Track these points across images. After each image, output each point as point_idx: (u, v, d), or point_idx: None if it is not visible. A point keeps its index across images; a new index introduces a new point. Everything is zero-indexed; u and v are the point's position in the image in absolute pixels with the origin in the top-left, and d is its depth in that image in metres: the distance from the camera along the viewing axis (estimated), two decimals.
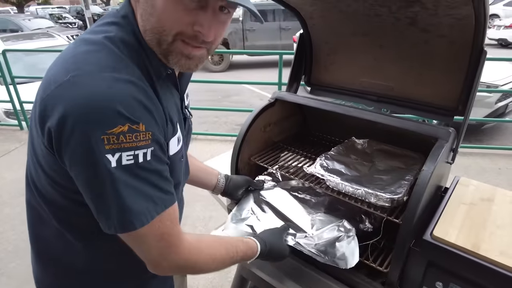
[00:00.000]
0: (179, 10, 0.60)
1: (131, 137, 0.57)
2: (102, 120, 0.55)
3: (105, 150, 0.56)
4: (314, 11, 1.23)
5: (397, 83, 1.28)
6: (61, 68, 0.60)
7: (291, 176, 1.23)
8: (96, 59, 0.59)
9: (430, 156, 0.94)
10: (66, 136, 0.57)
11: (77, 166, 0.59)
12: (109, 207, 0.60)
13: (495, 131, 5.26)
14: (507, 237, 0.89)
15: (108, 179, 0.57)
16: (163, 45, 0.64)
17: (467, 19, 0.97)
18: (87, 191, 0.61)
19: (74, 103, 0.55)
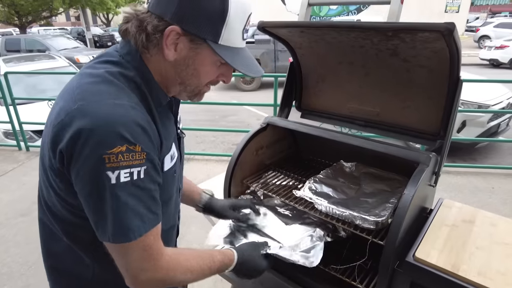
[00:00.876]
0: (214, 69, 0.79)
1: (128, 157, 0.65)
2: (104, 142, 0.63)
3: (106, 168, 0.63)
4: (303, 42, 1.31)
5: (382, 109, 1.34)
6: (69, 98, 0.69)
7: (282, 199, 1.27)
8: (99, 89, 0.69)
9: (411, 180, 0.99)
10: (75, 155, 0.65)
11: (81, 182, 0.66)
12: (106, 219, 0.67)
13: (489, 150, 5.33)
14: (486, 258, 0.93)
15: (108, 193, 0.65)
16: (195, 91, 0.81)
17: (442, 51, 1.05)
18: (89, 203, 0.68)
19: (81, 128, 0.64)
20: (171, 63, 0.75)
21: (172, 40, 0.72)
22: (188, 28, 0.71)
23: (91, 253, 0.82)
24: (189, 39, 0.72)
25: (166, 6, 0.70)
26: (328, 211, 1.09)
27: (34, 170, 4.24)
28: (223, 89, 9.34)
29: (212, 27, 0.71)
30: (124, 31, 0.75)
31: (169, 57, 0.73)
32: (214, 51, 0.72)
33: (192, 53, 0.74)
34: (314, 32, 1.17)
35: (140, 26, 0.73)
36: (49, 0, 17.76)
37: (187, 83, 0.79)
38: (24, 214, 3.24)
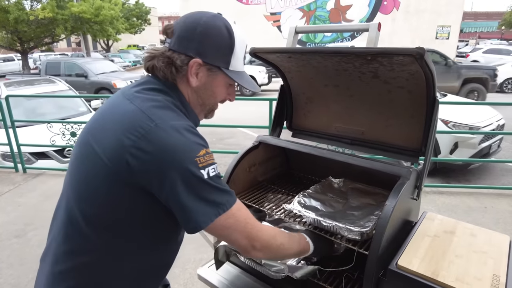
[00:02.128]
0: (224, 89, 1.00)
1: (209, 157, 0.83)
2: (192, 149, 0.80)
3: (199, 167, 0.80)
4: (291, 67, 1.41)
5: (367, 128, 1.43)
6: (142, 117, 0.82)
7: (272, 213, 1.33)
8: (166, 112, 0.85)
9: (392, 193, 1.06)
10: (169, 166, 0.78)
11: (178, 186, 0.79)
12: (203, 206, 0.81)
13: (482, 172, 5.42)
14: (463, 265, 0.98)
15: (204, 186, 0.81)
16: (211, 109, 1.02)
17: (418, 73, 1.15)
18: (184, 199, 0.80)
19: (168, 142, 0.79)
20: (193, 89, 0.94)
21: (195, 70, 0.91)
22: (207, 60, 0.90)
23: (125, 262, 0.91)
24: (207, 68, 0.92)
25: (188, 44, 0.89)
26: (316, 223, 1.15)
27: (30, 192, 4.26)
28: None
29: (225, 57, 0.92)
30: (152, 67, 0.92)
31: (193, 84, 0.92)
32: (227, 75, 0.94)
33: (209, 78, 0.94)
34: (301, 57, 1.27)
35: (168, 61, 0.90)
36: (52, 27, 18.27)
37: (206, 103, 0.99)
38: (18, 235, 3.24)
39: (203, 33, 0.89)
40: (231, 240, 0.88)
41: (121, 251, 0.89)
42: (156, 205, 0.84)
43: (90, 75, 10.69)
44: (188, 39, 0.89)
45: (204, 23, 0.90)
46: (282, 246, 0.96)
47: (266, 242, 0.91)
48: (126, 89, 0.93)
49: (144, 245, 0.91)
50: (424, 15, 23.40)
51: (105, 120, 0.88)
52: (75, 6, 17.04)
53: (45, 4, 17.47)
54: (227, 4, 24.93)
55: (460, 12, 24.71)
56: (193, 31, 0.89)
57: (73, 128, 4.59)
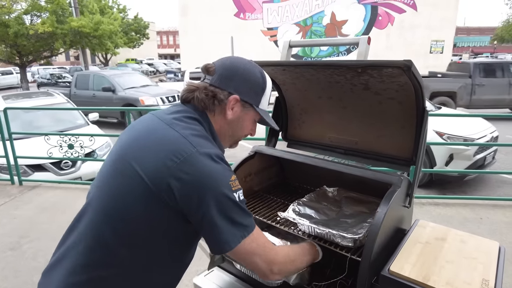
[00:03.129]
0: (251, 124, 1.12)
1: (238, 183, 0.92)
2: (226, 175, 0.89)
3: (232, 190, 0.89)
4: (286, 79, 1.46)
5: (360, 138, 1.47)
6: (184, 142, 0.90)
7: (268, 222, 1.35)
8: (204, 141, 0.93)
9: (384, 200, 1.09)
10: (205, 189, 0.85)
11: (211, 207, 0.85)
12: (232, 227, 0.88)
13: (478, 183, 5.46)
14: (454, 270, 1.00)
15: (234, 207, 0.89)
16: (237, 140, 1.13)
17: (407, 85, 1.19)
18: (215, 220, 0.86)
19: (207, 167, 0.87)
20: (227, 121, 1.05)
21: (232, 105, 1.02)
22: (243, 97, 1.03)
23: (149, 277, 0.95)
24: (241, 104, 1.04)
25: (228, 83, 1.02)
26: (310, 231, 1.17)
27: (26, 204, 4.24)
28: None
29: (257, 96, 1.06)
30: (192, 98, 1.02)
31: (229, 116, 1.03)
32: (256, 112, 1.06)
33: (242, 113, 1.06)
34: (294, 70, 1.32)
35: (212, 95, 1.00)
36: (51, 41, 18.44)
37: (235, 134, 1.10)
38: (13, 248, 3.21)
39: (244, 75, 1.03)
40: (251, 264, 0.94)
41: (140, 267, 0.94)
42: (188, 226, 0.91)
43: (117, 90, 9.60)
44: (229, 78, 1.02)
45: (244, 66, 1.04)
46: (295, 263, 1.05)
47: (283, 265, 0.99)
48: (162, 114, 1.00)
49: (162, 263, 0.96)
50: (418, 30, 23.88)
51: (145, 140, 0.94)
52: (74, 21, 17.25)
53: (45, 18, 17.69)
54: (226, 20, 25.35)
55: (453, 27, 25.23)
56: (235, 73, 1.03)
57: (71, 140, 4.61)
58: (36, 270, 2.83)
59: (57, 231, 1.53)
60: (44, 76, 20.64)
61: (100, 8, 20.95)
